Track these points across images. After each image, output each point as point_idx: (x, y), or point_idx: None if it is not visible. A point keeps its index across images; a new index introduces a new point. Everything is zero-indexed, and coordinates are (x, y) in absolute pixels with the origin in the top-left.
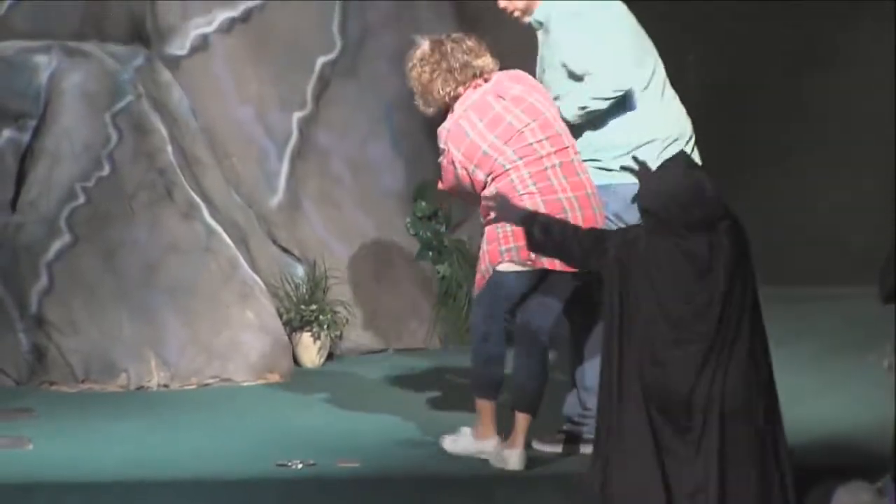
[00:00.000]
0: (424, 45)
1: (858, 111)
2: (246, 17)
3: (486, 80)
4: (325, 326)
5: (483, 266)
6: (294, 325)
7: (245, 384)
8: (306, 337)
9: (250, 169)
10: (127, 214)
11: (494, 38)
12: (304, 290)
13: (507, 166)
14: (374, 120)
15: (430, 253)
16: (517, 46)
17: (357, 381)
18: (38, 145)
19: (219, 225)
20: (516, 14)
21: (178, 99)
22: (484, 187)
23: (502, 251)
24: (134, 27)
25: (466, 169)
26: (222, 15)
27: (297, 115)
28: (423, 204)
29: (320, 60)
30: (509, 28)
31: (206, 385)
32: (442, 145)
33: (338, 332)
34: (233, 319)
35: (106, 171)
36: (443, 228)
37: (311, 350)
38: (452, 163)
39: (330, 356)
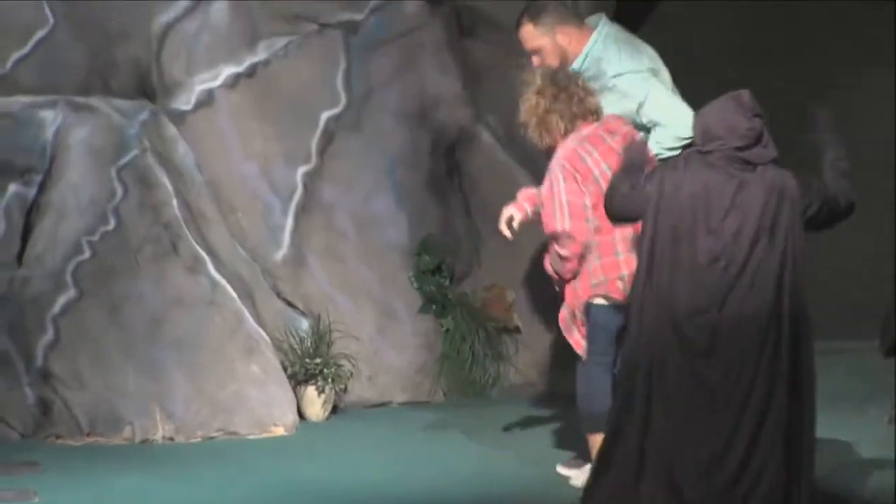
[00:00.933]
0: (541, 78)
1: (858, 168)
2: (251, 72)
3: (595, 119)
4: (330, 380)
5: (568, 302)
6: (299, 379)
7: (250, 437)
8: (311, 390)
9: (255, 223)
10: (132, 268)
11: (498, 94)
12: (309, 344)
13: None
14: (379, 174)
15: (434, 307)
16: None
17: (361, 435)
18: (43, 200)
19: (224, 279)
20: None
21: (183, 153)
22: (585, 218)
23: (593, 285)
24: (139, 82)
25: (576, 195)
26: (227, 70)
27: (301, 170)
28: (427, 258)
29: (325, 115)
30: (512, 84)
31: (212, 438)
32: (559, 173)
33: (342, 386)
34: (238, 373)
35: (111, 225)
36: (446, 282)
37: (315, 404)
38: (559, 193)
39: (334, 409)
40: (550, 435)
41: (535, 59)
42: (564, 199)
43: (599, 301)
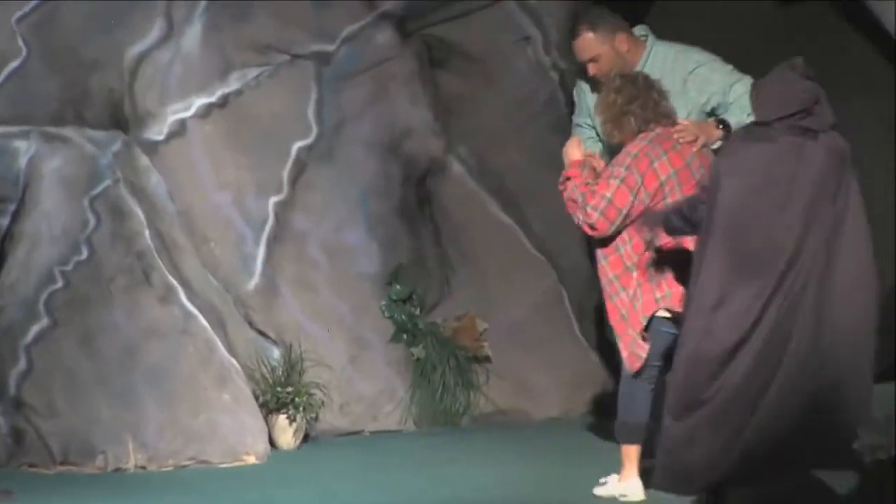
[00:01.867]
0: (621, 78)
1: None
2: (223, 102)
3: (668, 123)
4: (301, 409)
5: (634, 324)
6: (270, 408)
7: (222, 466)
8: (282, 419)
9: (227, 253)
10: (105, 298)
11: (468, 125)
12: (281, 373)
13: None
14: (350, 205)
15: (405, 336)
16: (495, 129)
17: (333, 464)
18: (17, 229)
19: (196, 308)
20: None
21: (155, 183)
22: (613, 222)
23: (657, 299)
24: (112, 112)
25: (639, 195)
26: (199, 100)
27: (273, 200)
28: (398, 287)
29: (296, 145)
30: (484, 114)
31: (183, 467)
32: (621, 171)
33: (313, 415)
34: (210, 402)
35: (84, 254)
36: (417, 311)
37: (287, 432)
38: (609, 188)
39: (306, 438)
40: (522, 462)
41: (592, 67)
42: (609, 195)
43: (662, 314)
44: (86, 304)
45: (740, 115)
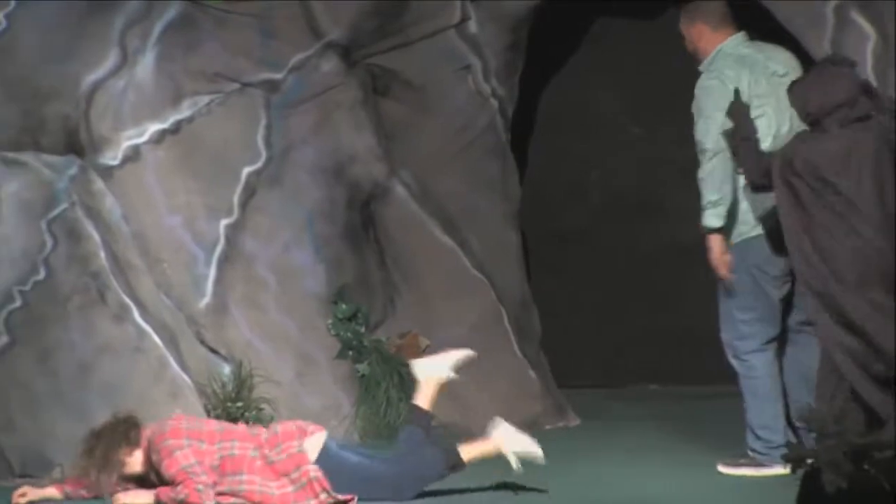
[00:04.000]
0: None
1: None
2: (175, 128)
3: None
4: (251, 423)
5: None
6: None
7: None
8: None
9: (180, 273)
10: (62, 317)
11: (410, 150)
12: (231, 389)
13: None
14: (298, 227)
15: (351, 353)
16: (436, 155)
17: None
18: None
19: (150, 326)
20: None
21: (110, 206)
22: None
23: None
24: (68, 139)
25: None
26: (152, 127)
27: (224, 223)
28: (344, 306)
29: (246, 170)
30: (426, 139)
31: None
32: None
33: None
34: (162, 416)
35: (42, 275)
36: (362, 329)
37: None
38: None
39: None
40: (465, 472)
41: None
42: None
43: None
44: (43, 322)
45: None
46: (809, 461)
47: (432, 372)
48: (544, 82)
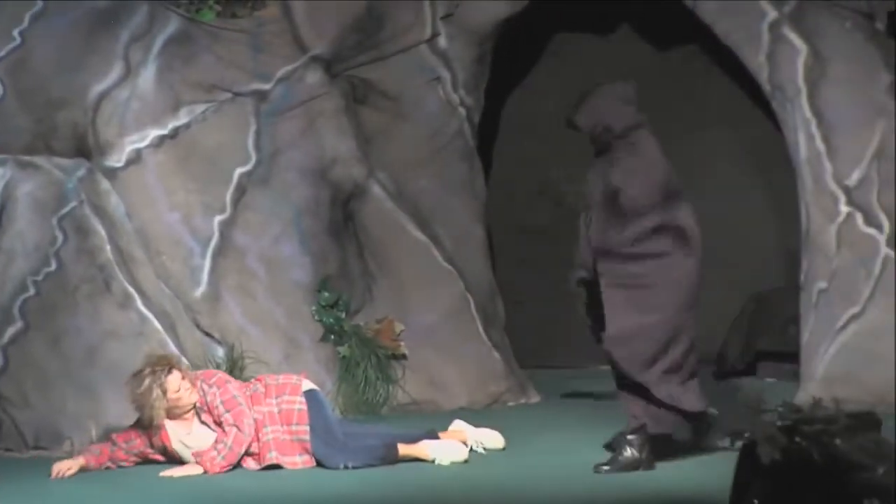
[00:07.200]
0: None
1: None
2: (174, 134)
3: None
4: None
5: None
6: None
7: None
8: None
9: (178, 265)
10: (71, 304)
11: (387, 153)
12: (225, 369)
13: None
14: (285, 222)
15: (333, 336)
16: (410, 158)
17: None
18: None
19: (151, 313)
20: None
21: (115, 205)
22: None
23: None
24: (77, 143)
25: None
26: (153, 133)
27: (218, 219)
28: (327, 294)
29: (238, 171)
30: (400, 144)
31: None
32: None
33: None
34: None
35: (53, 266)
36: (343, 315)
37: None
38: None
39: None
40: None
41: None
42: None
43: None
44: (54, 309)
45: None
46: (747, 435)
47: (455, 457)
48: (508, 92)
